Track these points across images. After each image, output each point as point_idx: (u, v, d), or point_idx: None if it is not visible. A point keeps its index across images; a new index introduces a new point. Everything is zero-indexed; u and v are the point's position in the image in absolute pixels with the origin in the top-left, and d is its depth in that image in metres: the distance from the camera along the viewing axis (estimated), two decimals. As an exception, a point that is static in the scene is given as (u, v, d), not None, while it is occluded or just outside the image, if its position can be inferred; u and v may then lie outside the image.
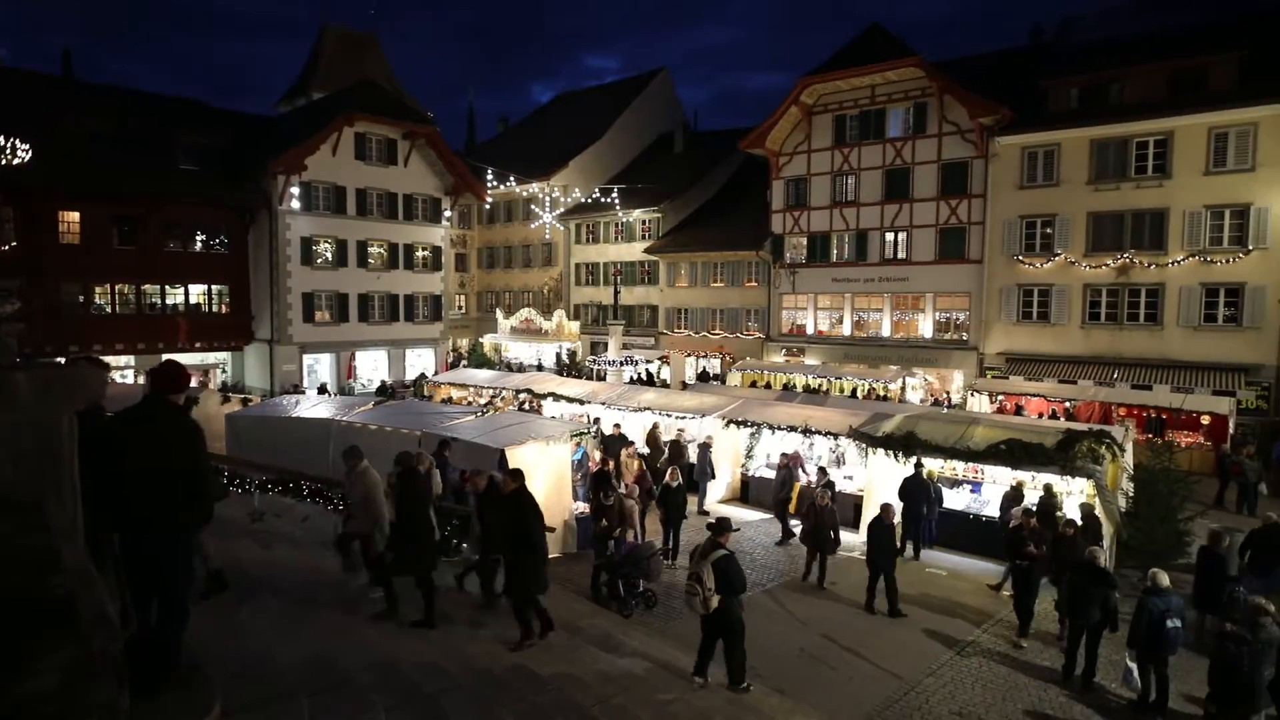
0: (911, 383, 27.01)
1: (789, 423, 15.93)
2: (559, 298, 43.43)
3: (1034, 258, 26.83)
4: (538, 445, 12.57)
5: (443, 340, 36.81)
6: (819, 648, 9.68)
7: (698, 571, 7.79)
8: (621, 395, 19.17)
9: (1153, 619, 8.20)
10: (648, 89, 46.56)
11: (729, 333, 35.71)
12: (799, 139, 32.54)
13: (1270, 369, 23.06)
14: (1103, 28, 29.20)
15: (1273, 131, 22.72)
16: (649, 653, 8.82)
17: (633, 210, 39.05)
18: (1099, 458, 12.30)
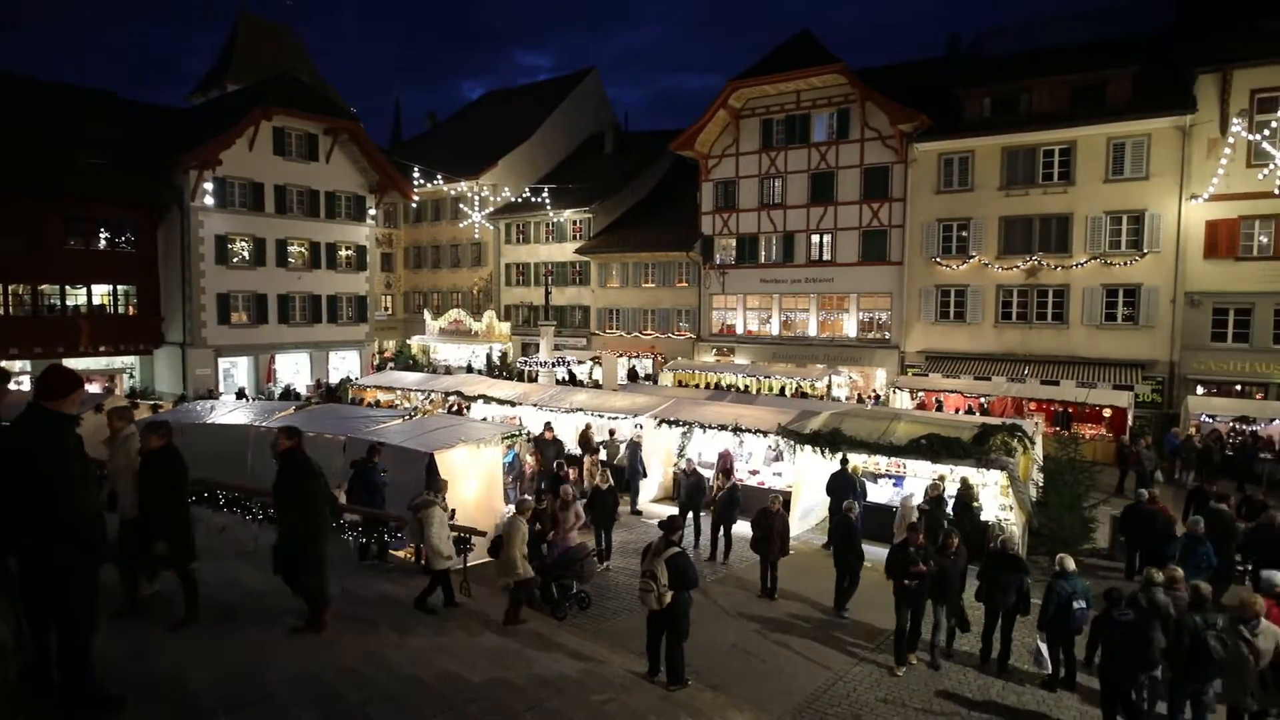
0: (837, 381, 27.77)
1: (720, 421, 16.13)
2: (489, 298, 42.87)
3: (951, 260, 27.97)
4: (468, 448, 12.37)
5: (368, 342, 35.84)
6: (751, 641, 9.84)
7: (651, 568, 7.90)
8: (554, 397, 19.06)
9: (1061, 601, 8.70)
10: (578, 89, 46.46)
11: (660, 333, 35.94)
12: (727, 142, 33.04)
13: (1164, 364, 24.68)
14: (1014, 41, 30.67)
15: (1163, 143, 24.32)
16: (584, 654, 8.79)
17: (564, 210, 38.88)
18: (1012, 450, 12.90)
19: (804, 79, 30.16)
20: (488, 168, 41.52)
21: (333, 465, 12.58)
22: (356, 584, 9.43)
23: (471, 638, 8.41)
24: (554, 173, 43.06)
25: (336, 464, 12.58)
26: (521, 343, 39.74)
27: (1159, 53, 25.49)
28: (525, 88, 52.28)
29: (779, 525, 11.44)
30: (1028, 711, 8.36)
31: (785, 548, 11.69)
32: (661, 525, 8.36)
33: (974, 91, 27.76)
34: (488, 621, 9.17)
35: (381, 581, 10.03)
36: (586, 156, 44.36)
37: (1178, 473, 19.72)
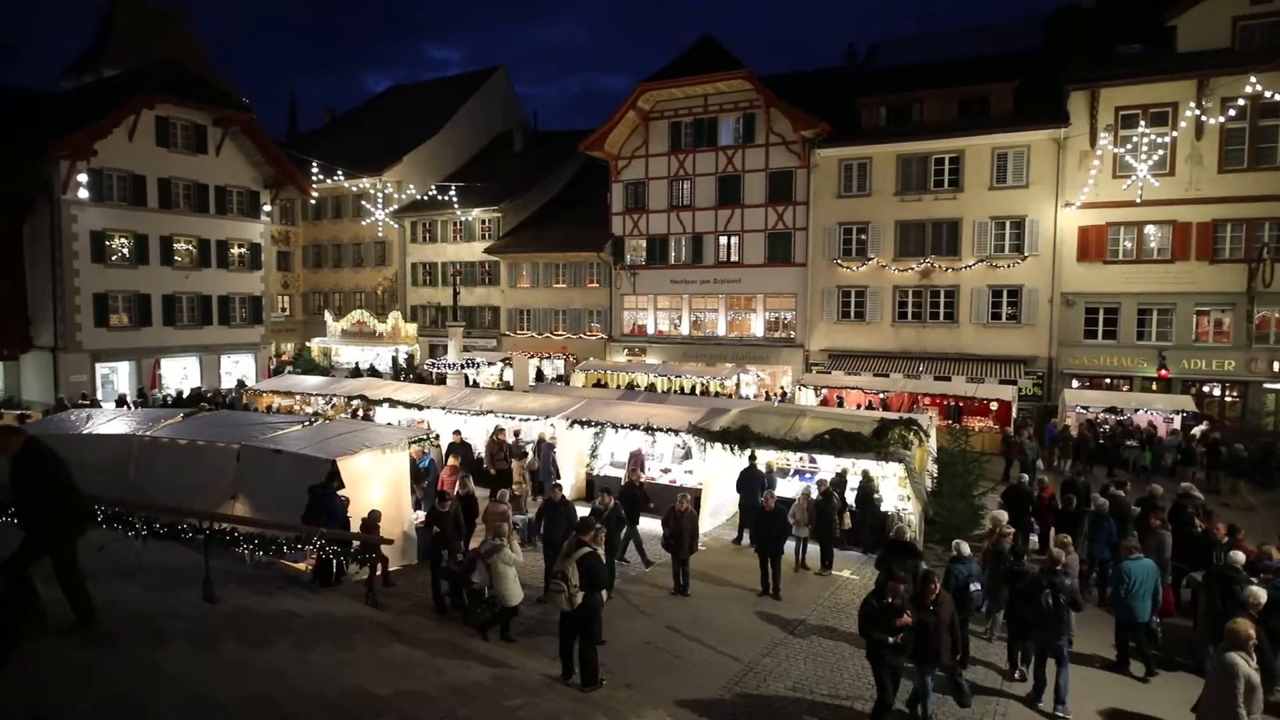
0: (745, 379, 28.41)
1: (631, 421, 16.23)
2: (394, 299, 41.63)
3: (851, 261, 29.12)
4: (373, 454, 11.98)
5: (264, 345, 34.13)
6: (663, 638, 9.94)
7: (563, 569, 7.87)
8: (463, 399, 18.69)
9: (959, 584, 9.23)
10: (486, 85, 45.73)
11: (572, 333, 35.84)
12: (637, 143, 33.27)
13: (1043, 360, 26.49)
14: (906, 53, 32.27)
15: (1041, 154, 26.09)
16: (496, 660, 8.68)
17: (472, 209, 38.20)
18: (908, 443, 13.55)
19: (711, 83, 30.72)
20: (392, 164, 40.31)
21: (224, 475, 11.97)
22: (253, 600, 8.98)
23: (379, 650, 8.17)
24: (461, 170, 42.22)
25: (229, 473, 11.96)
26: (429, 344, 38.77)
27: (1037, 69, 27.30)
28: (431, 83, 51.02)
29: (688, 523, 11.60)
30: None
31: (695, 545, 11.89)
32: (574, 526, 8.35)
33: (871, 101, 28.99)
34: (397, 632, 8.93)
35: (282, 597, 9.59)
36: (495, 155, 43.73)
37: (1056, 460, 21.22)
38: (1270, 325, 23.77)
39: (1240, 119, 23.16)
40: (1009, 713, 8.49)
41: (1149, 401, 23.22)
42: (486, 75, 46.68)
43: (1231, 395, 24.66)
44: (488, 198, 38.12)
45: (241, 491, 11.78)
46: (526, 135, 44.15)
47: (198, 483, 11.89)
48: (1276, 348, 23.63)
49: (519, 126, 44.66)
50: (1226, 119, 22.81)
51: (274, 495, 11.29)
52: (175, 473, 12.22)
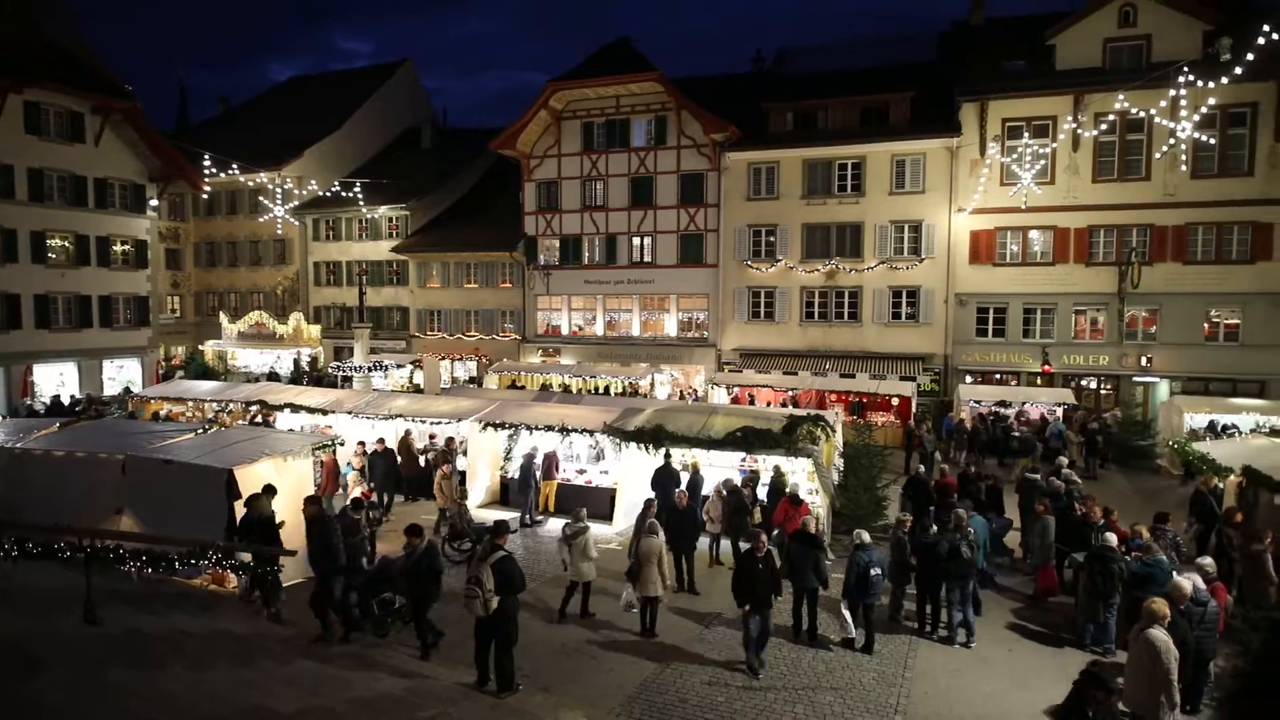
0: (659, 379, 28.69)
1: (546, 422, 16.12)
2: (296, 299, 39.88)
3: (760, 263, 29.86)
4: (273, 462, 11.44)
5: (152, 349, 32.04)
6: (579, 641, 9.92)
7: (477, 574, 7.74)
8: (370, 403, 18.10)
9: (860, 570, 9.68)
10: (392, 79, 44.39)
11: (485, 334, 35.27)
12: (549, 142, 33.06)
13: (939, 357, 27.91)
14: (811, 62, 33.31)
15: (936, 161, 27.47)
16: (408, 670, 8.46)
17: (379, 207, 37.03)
18: (816, 439, 14.01)
19: (623, 84, 30.86)
20: (292, 158, 38.58)
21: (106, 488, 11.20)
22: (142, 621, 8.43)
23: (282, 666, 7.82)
24: (367, 166, 40.82)
25: (112, 486, 11.19)
26: (334, 347, 37.36)
27: (933, 81, 28.73)
28: (335, 75, 49.10)
29: None
30: (839, 674, 9.11)
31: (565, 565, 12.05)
32: (488, 530, 8.23)
33: (778, 107, 29.81)
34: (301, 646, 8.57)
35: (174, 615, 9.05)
36: (403, 151, 42.51)
37: (952, 452, 22.37)
38: (1138, 323, 25.83)
39: (1111, 133, 25.05)
40: (918, 648, 9.87)
41: (1034, 395, 24.82)
42: (393, 68, 45.34)
43: (1106, 388, 26.66)
44: (395, 195, 37.05)
45: (127, 505, 11.03)
46: (436, 131, 43.15)
47: (77, 497, 11.07)
48: (1144, 344, 25.70)
49: (428, 122, 43.60)
50: (1099, 133, 24.62)
51: (164, 508, 10.64)
52: (51, 487, 11.34)
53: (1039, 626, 10.79)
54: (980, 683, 9.05)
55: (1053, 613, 11.26)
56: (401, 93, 44.68)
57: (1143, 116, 23.46)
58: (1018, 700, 8.62)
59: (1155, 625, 7.07)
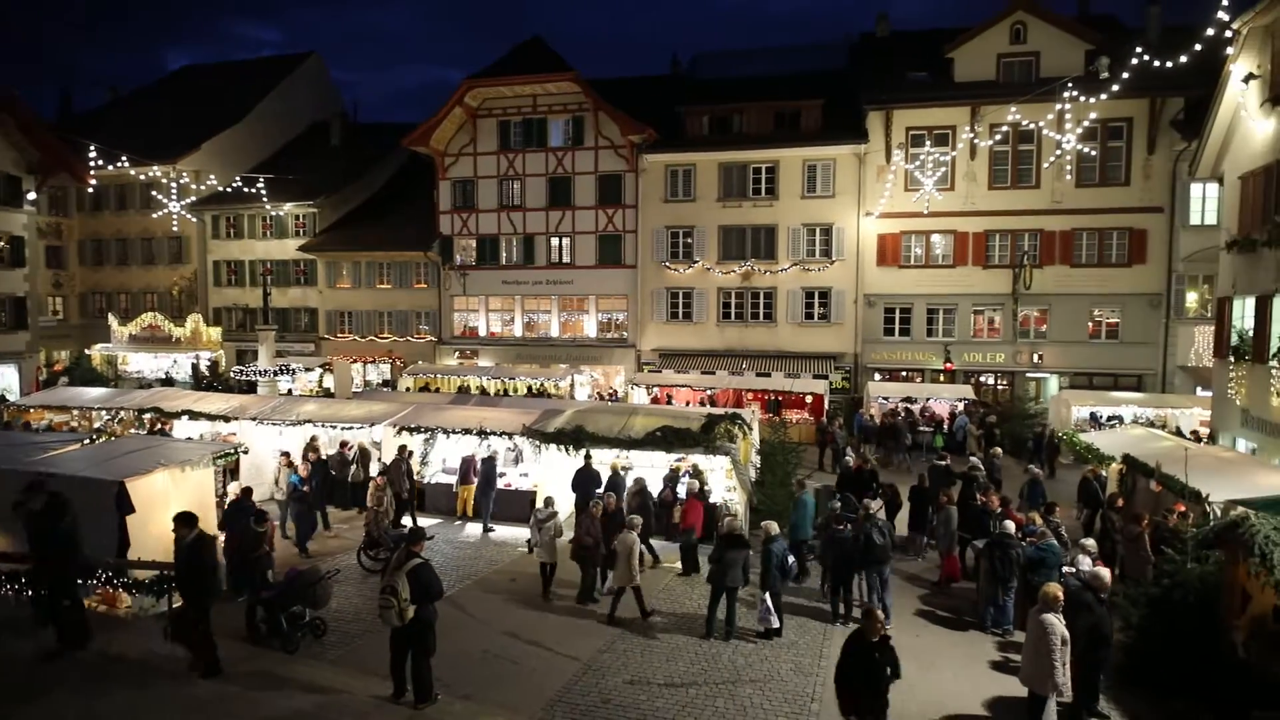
0: (579, 380, 28.63)
1: (464, 425, 15.83)
2: (194, 300, 37.79)
3: (678, 264, 30.22)
4: (169, 473, 10.80)
5: (30, 353, 29.68)
6: (502, 646, 9.80)
7: (391, 583, 7.51)
8: (276, 409, 17.33)
9: (777, 561, 10.04)
10: (298, 71, 42.65)
11: (399, 336, 34.34)
12: (465, 140, 32.49)
13: (850, 356, 28.93)
14: (725, 67, 33.94)
15: (845, 167, 28.47)
16: (321, 685, 8.16)
17: (284, 204, 35.51)
18: (734, 437, 14.29)
19: (539, 84, 30.64)
20: (189, 151, 36.53)
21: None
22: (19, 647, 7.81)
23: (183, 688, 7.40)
24: (271, 161, 39.09)
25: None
26: (236, 350, 35.63)
27: (842, 89, 29.73)
28: (237, 64, 46.62)
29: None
30: (757, 666, 9.30)
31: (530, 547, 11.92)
32: (403, 538, 8.03)
33: (694, 110, 30.24)
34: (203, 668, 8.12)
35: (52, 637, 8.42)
36: (310, 146, 40.88)
37: (862, 447, 23.18)
38: (1030, 322, 27.50)
39: (1005, 143, 26.58)
40: (832, 636, 10.11)
41: (937, 391, 26.06)
42: (300, 59, 43.55)
43: (1003, 384, 28.24)
44: (302, 191, 35.62)
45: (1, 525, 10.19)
46: (345, 127, 41.70)
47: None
48: (1035, 342, 27.37)
49: (337, 117, 42.08)
50: (994, 142, 26.07)
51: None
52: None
53: (944, 611, 11.33)
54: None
55: (956, 598, 11.84)
56: (309, 85, 43.01)
57: (1032, 128, 24.99)
58: (925, 682, 9.02)
59: (1049, 609, 7.55)
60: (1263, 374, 14.06)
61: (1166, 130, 25.56)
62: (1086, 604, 8.06)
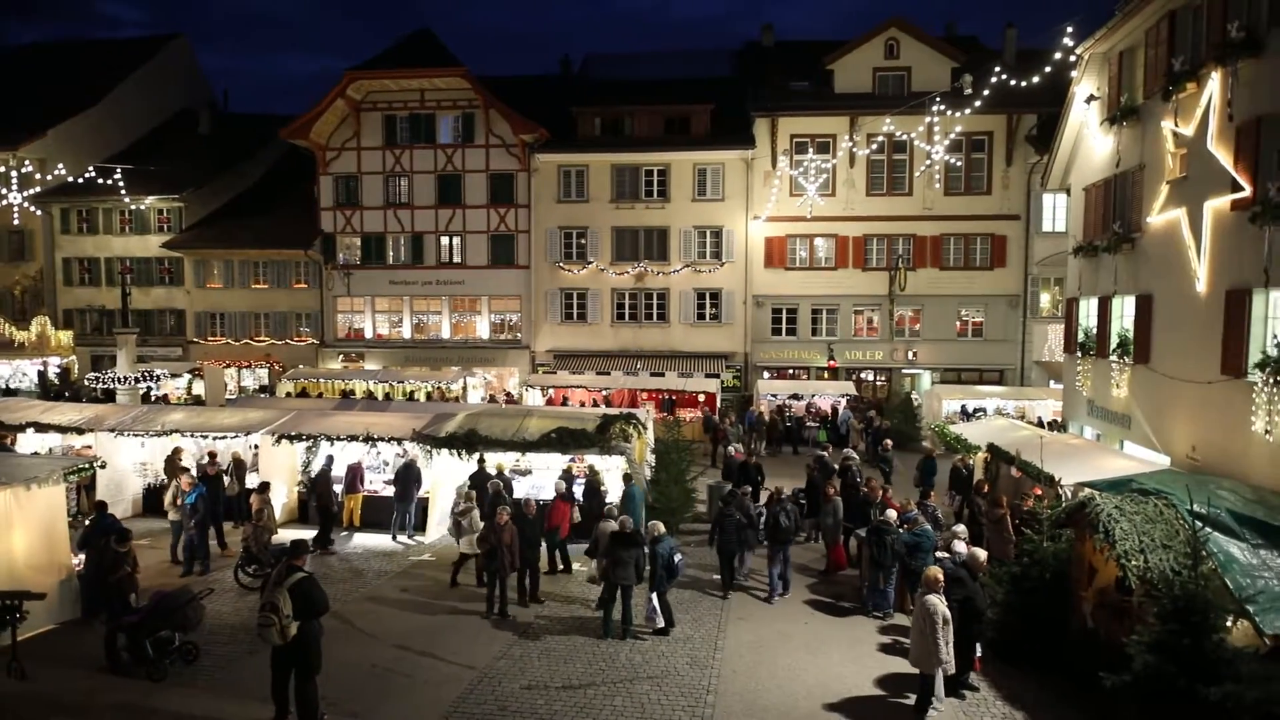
0: (472, 382, 28.08)
1: (349, 432, 15.19)
2: (40, 301, 34.38)
3: (572, 264, 30.16)
4: (11, 492, 9.80)
5: None
6: (392, 659, 9.47)
7: (272, 599, 7.09)
8: (139, 419, 16.05)
9: (665, 560, 10.19)
10: (163, 54, 39.58)
11: (277, 339, 32.52)
12: (348, 134, 31.17)
13: (740, 355, 29.77)
14: (618, 69, 34.14)
15: (734, 171, 29.27)
16: (193, 714, 7.63)
17: (145, 197, 32.91)
18: (629, 437, 14.39)
19: (427, 78, 29.82)
20: (33, 137, 33.21)
21: None
22: None
23: (29, 728, 6.73)
24: (131, 151, 36.14)
25: None
26: (91, 355, 32.75)
27: (729, 95, 30.52)
28: (92, 44, 42.54)
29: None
30: (654, 663, 9.40)
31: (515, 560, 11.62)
32: (284, 551, 7.62)
33: (587, 111, 30.26)
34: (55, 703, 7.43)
35: None
36: (175, 136, 38.03)
37: (753, 443, 23.92)
38: (905, 322, 29.19)
39: (880, 152, 28.08)
40: (724, 627, 10.43)
41: (822, 388, 27.20)
42: (165, 42, 40.40)
43: (881, 380, 29.83)
44: (167, 184, 33.10)
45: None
46: (215, 116, 39.09)
47: None
48: (910, 340, 29.08)
49: (205, 105, 39.39)
50: (871, 151, 27.49)
51: None
52: None
53: (830, 599, 11.84)
54: (781, 656, 9.77)
55: (842, 585, 12.41)
56: (175, 70, 40.04)
57: (905, 139, 26.58)
58: (813, 667, 9.41)
59: (932, 592, 8.05)
60: (1104, 368, 15.50)
61: (1022, 144, 27.75)
62: (960, 579, 8.68)
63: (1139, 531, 7.79)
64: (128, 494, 15.90)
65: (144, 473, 16.25)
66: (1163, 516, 7.98)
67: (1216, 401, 11.51)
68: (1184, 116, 12.68)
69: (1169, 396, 12.97)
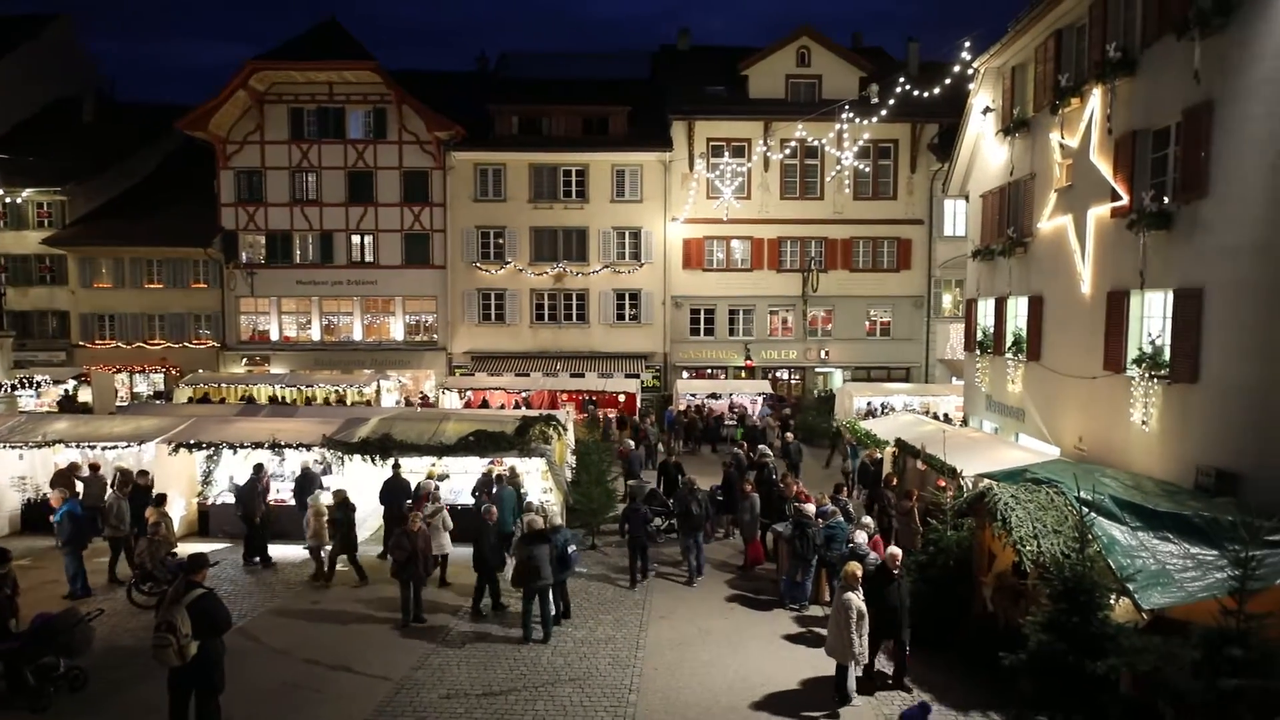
0: (386, 385, 27.28)
1: (253, 439, 14.50)
2: (-102, 302, 31.37)
3: (490, 265, 29.73)
4: None
5: None
6: (303, 675, 9.10)
7: (168, 618, 6.68)
8: (16, 429, 14.86)
9: (556, 553, 10.33)
10: (43, 35, 36.65)
11: (174, 342, 30.72)
12: (250, 127, 29.74)
13: (660, 355, 30.04)
14: (535, 68, 33.84)
15: (652, 173, 29.50)
16: (79, 744, 7.11)
17: (22, 189, 30.51)
18: (549, 439, 14.30)
19: (336, 71, 28.78)
20: (-114, 123, 30.31)
21: None
22: None
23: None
24: (5, 140, 33.37)
25: None
26: (-41, 360, 30.05)
27: (647, 97, 30.73)
28: (-49, 22, 39.28)
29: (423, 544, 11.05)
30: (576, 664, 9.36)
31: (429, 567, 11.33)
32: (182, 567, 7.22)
33: (504, 109, 29.87)
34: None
35: None
36: (56, 125, 35.29)
37: (673, 442, 24.15)
38: (818, 322, 30.10)
39: (793, 157, 28.88)
40: (645, 625, 10.56)
41: (739, 387, 27.75)
42: (44, 23, 37.46)
43: (795, 378, 30.66)
44: (47, 176, 30.76)
45: None
46: (103, 104, 36.58)
47: None
48: (823, 340, 30.01)
49: (91, 93, 36.80)
50: (784, 156, 28.22)
51: None
52: None
53: (749, 593, 12.09)
54: (702, 652, 9.91)
55: (760, 579, 12.69)
56: (54, 54, 37.16)
57: (816, 145, 27.41)
58: (734, 661, 9.58)
59: (850, 588, 8.33)
60: (1001, 365, 16.41)
61: (925, 152, 29.06)
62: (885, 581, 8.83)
63: (1032, 518, 8.28)
64: (4, 510, 14.73)
65: (22, 487, 15.08)
66: (1053, 504, 8.51)
67: (1100, 395, 12.35)
68: (1069, 129, 13.56)
69: (1058, 391, 13.84)
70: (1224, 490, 9.22)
